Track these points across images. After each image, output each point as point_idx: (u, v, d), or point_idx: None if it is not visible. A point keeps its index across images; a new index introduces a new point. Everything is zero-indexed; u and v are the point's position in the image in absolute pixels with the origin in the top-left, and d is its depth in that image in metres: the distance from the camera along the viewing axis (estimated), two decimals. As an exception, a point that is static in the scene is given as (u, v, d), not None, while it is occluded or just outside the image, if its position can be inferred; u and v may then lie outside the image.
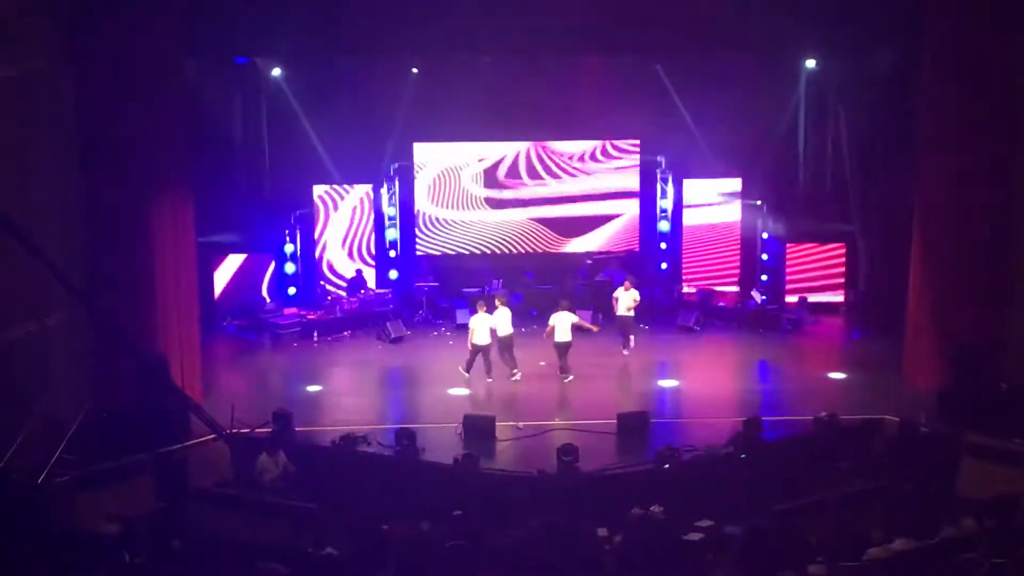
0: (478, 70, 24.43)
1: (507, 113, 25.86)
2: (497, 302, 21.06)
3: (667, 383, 20.37)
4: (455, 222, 27.21)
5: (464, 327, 23.96)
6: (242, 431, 16.39)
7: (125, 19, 17.10)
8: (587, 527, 11.33)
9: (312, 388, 20.10)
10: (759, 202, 26.23)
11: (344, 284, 25.86)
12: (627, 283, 22.42)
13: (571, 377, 20.32)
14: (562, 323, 20.46)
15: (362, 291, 25.67)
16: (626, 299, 21.98)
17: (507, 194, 27.18)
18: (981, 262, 18.44)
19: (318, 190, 25.99)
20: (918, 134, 19.33)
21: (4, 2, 14.99)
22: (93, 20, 16.98)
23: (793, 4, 19.13)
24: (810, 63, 23.35)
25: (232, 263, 25.21)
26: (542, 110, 25.85)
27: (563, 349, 20.51)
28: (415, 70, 24.76)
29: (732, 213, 26.77)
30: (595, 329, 21.80)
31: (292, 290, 25.70)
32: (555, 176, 27.11)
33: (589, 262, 26.96)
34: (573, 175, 27.13)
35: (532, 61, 24.04)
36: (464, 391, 19.82)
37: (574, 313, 20.76)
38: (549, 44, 20.46)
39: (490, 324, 20.22)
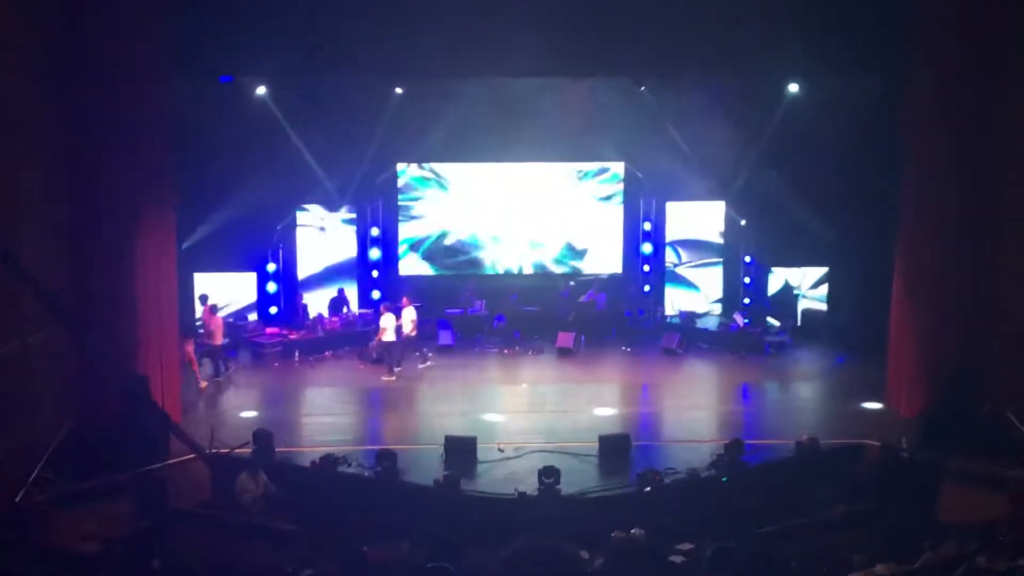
0: (463, 91, 24.51)
1: (491, 134, 25.93)
2: (404, 302, 23.14)
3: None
4: (438, 242, 27.23)
5: (446, 347, 24.09)
6: (222, 451, 16.38)
7: (109, 39, 17.11)
8: (569, 549, 11.35)
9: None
10: (743, 222, 26.34)
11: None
12: (404, 301, 23.61)
13: (392, 378, 21.53)
14: (387, 323, 22.09)
15: (344, 310, 25.67)
16: (387, 321, 22.35)
17: (490, 215, 27.21)
18: (964, 286, 18.51)
19: (301, 209, 26.02)
20: (902, 157, 19.42)
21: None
22: (77, 39, 16.98)
23: (778, 27, 19.20)
24: (793, 87, 23.46)
25: (215, 281, 25.15)
26: (526, 131, 25.87)
27: (388, 348, 22.13)
28: (399, 90, 24.82)
29: (715, 236, 26.90)
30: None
31: (273, 309, 25.66)
32: (539, 197, 27.15)
33: (572, 284, 27.01)
34: (556, 196, 27.19)
35: (516, 82, 24.10)
36: (448, 412, 19.81)
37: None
38: (533, 66, 20.46)
39: (396, 323, 22.18)
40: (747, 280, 26.60)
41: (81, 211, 17.33)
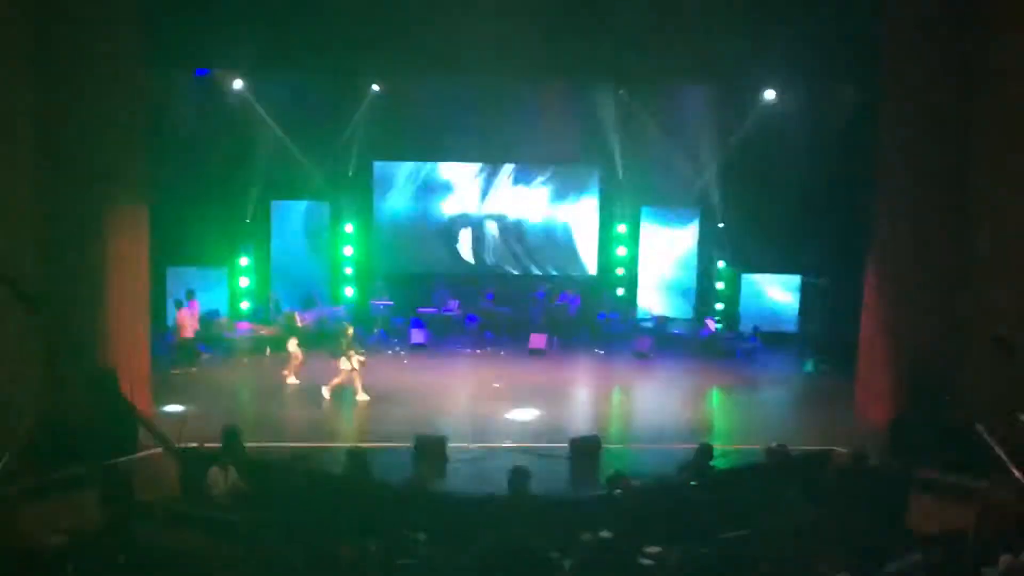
0: (439, 90, 24.54)
1: (468, 134, 26.07)
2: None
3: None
4: (412, 240, 27.24)
5: (419, 346, 24.08)
6: (191, 445, 16.31)
7: (83, 29, 17.03)
8: (539, 548, 11.36)
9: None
10: (720, 224, 26.43)
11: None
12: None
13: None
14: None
15: (316, 306, 25.62)
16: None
17: (466, 215, 27.24)
18: (935, 296, 18.65)
19: (276, 204, 26.00)
20: (875, 168, 19.56)
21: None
22: (50, 28, 16.88)
23: (755, 37, 19.28)
24: (769, 94, 23.55)
25: (186, 275, 25.06)
26: (504, 133, 26.07)
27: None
28: (376, 87, 24.80)
29: (689, 241, 27.00)
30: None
31: (246, 304, 25.58)
32: (515, 198, 27.22)
33: (546, 285, 27.06)
34: (532, 198, 27.25)
35: (494, 84, 24.15)
36: (420, 411, 19.82)
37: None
38: (511, 68, 20.53)
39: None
40: (720, 285, 26.69)
41: (52, 201, 17.23)
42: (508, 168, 27.15)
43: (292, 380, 21.61)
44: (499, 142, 26.36)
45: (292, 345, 21.94)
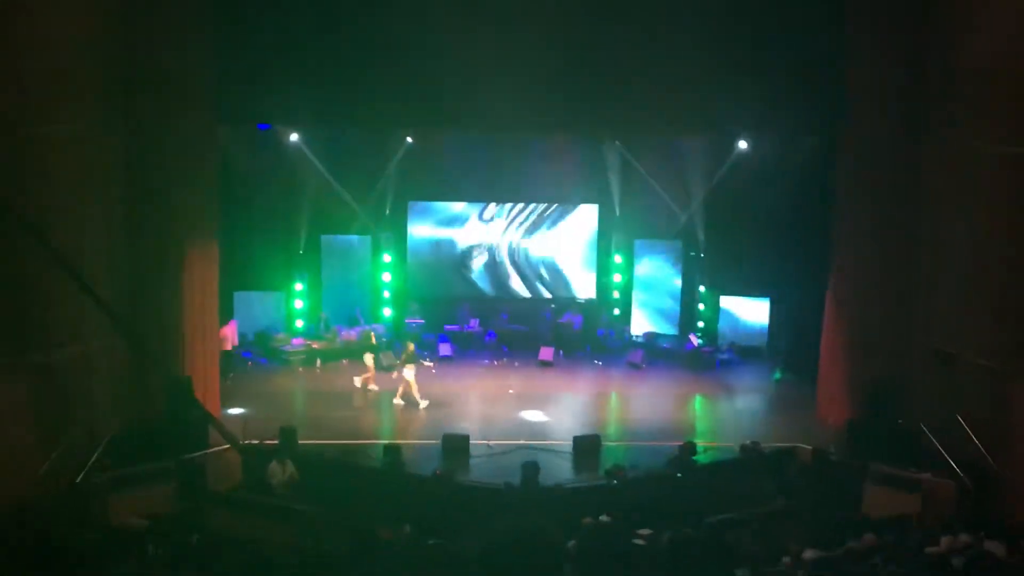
0: (463, 140, 24.61)
1: (487, 177, 26.13)
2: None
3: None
4: (440, 268, 27.24)
5: (446, 358, 24.04)
6: (253, 443, 16.36)
7: (168, 87, 17.20)
8: (549, 530, 11.33)
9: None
10: (702, 254, 26.37)
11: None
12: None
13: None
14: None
15: (358, 324, 25.61)
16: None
17: (484, 247, 27.23)
18: (885, 313, 18.61)
19: (325, 238, 26.07)
20: (835, 202, 19.53)
21: (66, 75, 15.03)
22: (141, 87, 17.08)
23: (730, 93, 19.23)
24: (742, 144, 23.48)
25: (250, 298, 25.14)
26: (517, 175, 26.13)
27: None
28: (409, 139, 24.86)
29: (674, 267, 26.97)
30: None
31: (300, 322, 25.61)
32: (525, 232, 27.21)
33: (553, 306, 27.04)
34: (541, 231, 27.25)
35: (509, 135, 24.18)
36: (447, 413, 19.81)
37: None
38: (523, 123, 20.48)
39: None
40: (701, 306, 26.61)
41: (138, 236, 17.39)
42: (521, 206, 27.10)
43: (372, 387, 21.60)
44: (513, 183, 26.37)
45: (368, 359, 21.87)
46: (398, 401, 20.39)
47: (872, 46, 18.24)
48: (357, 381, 21.03)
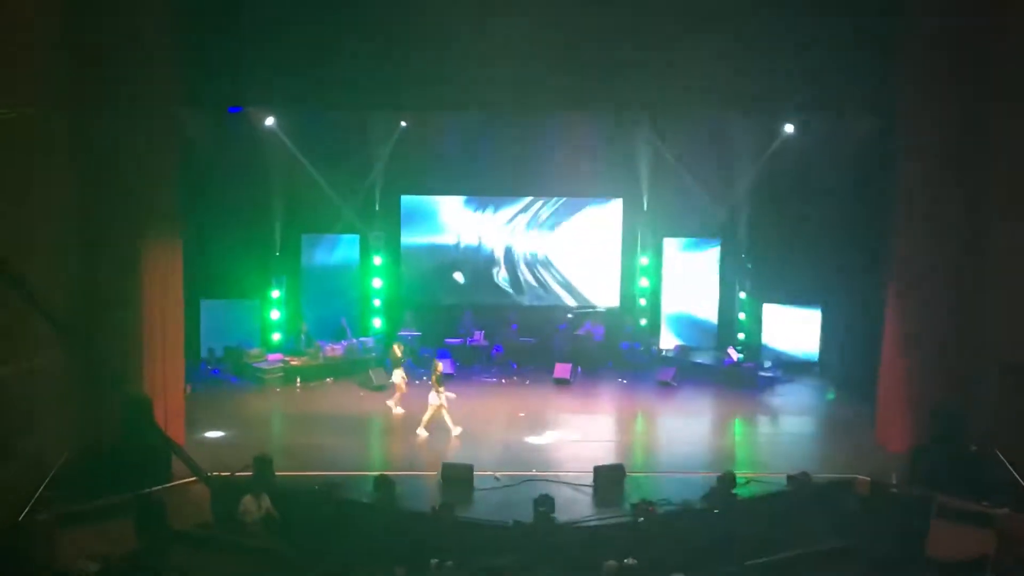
0: (465, 125, 24.65)
1: (493, 168, 26.14)
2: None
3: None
4: (439, 272, 27.29)
5: (446, 376, 23.91)
6: (223, 474, 16.36)
7: (123, 66, 17.23)
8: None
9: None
10: (743, 256, 26.36)
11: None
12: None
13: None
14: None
15: (345, 338, 25.65)
16: None
17: (491, 247, 27.29)
18: (956, 324, 18.52)
19: (306, 237, 26.12)
20: (896, 197, 19.47)
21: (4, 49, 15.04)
22: (94, 65, 17.09)
23: (778, 66, 19.23)
24: (788, 127, 23.47)
25: (218, 307, 25.19)
26: (528, 166, 26.13)
27: None
28: (403, 123, 24.91)
29: (711, 272, 26.96)
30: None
31: (277, 336, 25.65)
32: (538, 230, 27.24)
33: (570, 316, 27.05)
34: (556, 230, 27.28)
35: (519, 118, 24.21)
36: (446, 440, 19.80)
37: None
38: (535, 101, 20.52)
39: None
40: (742, 316, 26.60)
41: (89, 235, 17.40)
42: (532, 201, 27.15)
43: (397, 410, 21.66)
44: (524, 175, 26.41)
45: (397, 376, 21.99)
46: (422, 432, 20.13)
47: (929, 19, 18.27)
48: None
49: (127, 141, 17.50)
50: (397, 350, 22.68)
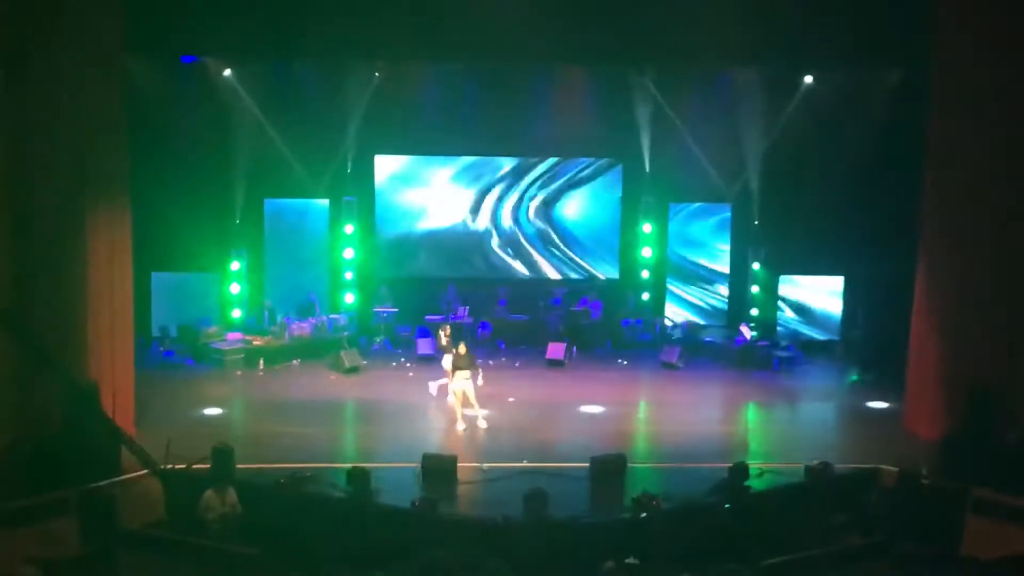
0: (447, 77, 24.57)
1: (478, 126, 26.10)
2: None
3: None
4: (419, 241, 27.25)
5: (426, 357, 23.96)
6: (178, 467, 16.32)
7: (54, 7, 17.01)
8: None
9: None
10: (756, 222, 26.38)
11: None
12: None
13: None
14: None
15: (313, 315, 25.60)
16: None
17: (477, 213, 27.25)
18: (993, 299, 18.49)
19: (269, 203, 26.04)
20: (926, 154, 19.42)
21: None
22: (16, 7, 16.86)
23: (794, 15, 19.20)
24: (808, 79, 23.43)
25: (172, 281, 25.12)
26: (517, 124, 26.11)
27: None
28: (378, 74, 24.81)
29: (721, 240, 26.99)
30: None
31: (237, 312, 25.60)
32: (530, 194, 27.22)
33: (565, 290, 27.04)
34: (548, 193, 27.25)
35: (507, 70, 24.13)
36: (427, 428, 19.80)
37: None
38: (528, 52, 20.47)
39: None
40: (755, 289, 26.61)
41: (26, 205, 17.23)
42: (523, 162, 27.11)
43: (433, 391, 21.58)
44: (512, 133, 26.38)
45: (446, 362, 21.05)
46: (461, 425, 19.83)
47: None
48: (460, 425, 19.84)
49: (64, 92, 17.23)
50: (443, 335, 21.96)
